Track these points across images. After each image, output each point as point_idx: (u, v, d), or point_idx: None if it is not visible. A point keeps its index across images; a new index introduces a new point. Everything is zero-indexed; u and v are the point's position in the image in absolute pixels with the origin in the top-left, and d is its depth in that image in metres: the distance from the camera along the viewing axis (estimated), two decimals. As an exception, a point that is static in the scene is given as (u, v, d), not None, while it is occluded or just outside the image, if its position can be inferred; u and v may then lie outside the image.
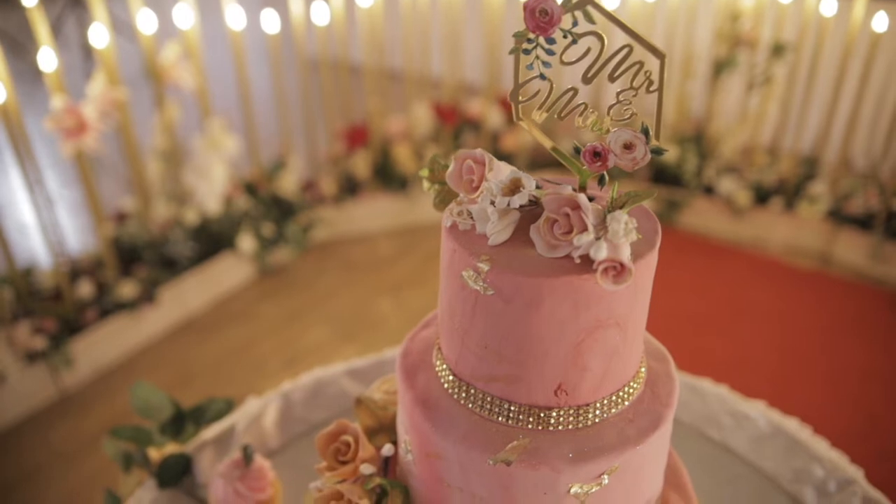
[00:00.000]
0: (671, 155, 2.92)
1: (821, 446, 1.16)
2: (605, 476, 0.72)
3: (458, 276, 0.71)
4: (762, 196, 2.86)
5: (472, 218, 0.72)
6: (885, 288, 2.61)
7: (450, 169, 0.74)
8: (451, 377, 0.77)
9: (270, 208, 2.80)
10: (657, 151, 0.68)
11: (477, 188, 0.73)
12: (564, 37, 0.68)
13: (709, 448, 1.19)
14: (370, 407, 0.92)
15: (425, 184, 0.81)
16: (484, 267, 0.68)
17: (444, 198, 0.80)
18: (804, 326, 2.42)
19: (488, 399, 0.74)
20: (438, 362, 0.80)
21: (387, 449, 0.84)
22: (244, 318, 2.56)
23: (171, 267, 2.52)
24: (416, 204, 3.07)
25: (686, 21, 2.93)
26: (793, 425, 1.20)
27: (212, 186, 2.60)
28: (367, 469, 0.82)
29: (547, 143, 0.75)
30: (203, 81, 2.61)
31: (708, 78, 2.92)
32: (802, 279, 2.68)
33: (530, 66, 0.71)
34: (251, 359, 2.36)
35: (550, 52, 0.69)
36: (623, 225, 0.64)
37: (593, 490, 0.72)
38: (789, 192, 2.84)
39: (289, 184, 2.89)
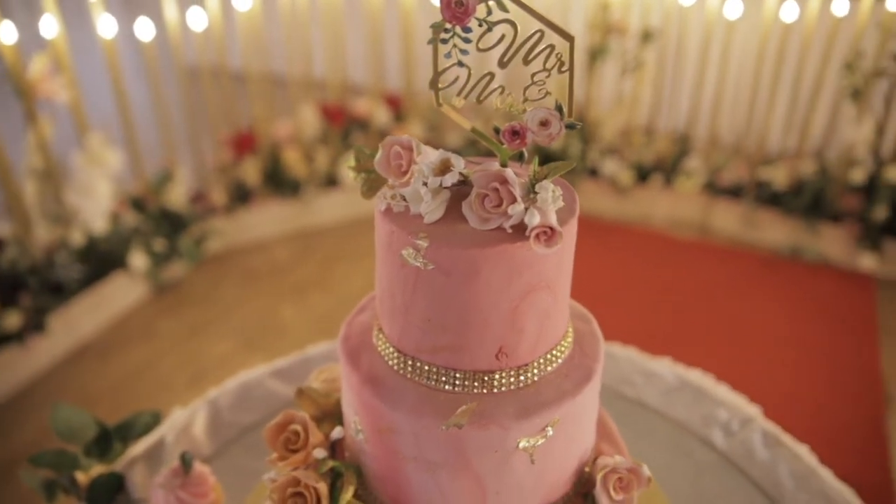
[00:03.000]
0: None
1: (723, 391, 1.27)
2: (549, 428, 0.78)
3: (397, 256, 0.75)
4: (643, 174, 3.05)
5: (404, 200, 0.76)
6: (757, 251, 2.85)
7: (378, 156, 0.78)
8: (395, 354, 0.81)
9: (160, 223, 2.71)
10: (571, 126, 0.74)
11: (406, 172, 0.76)
12: (480, 25, 0.72)
13: (625, 405, 1.28)
14: (312, 396, 0.94)
15: (351, 173, 0.84)
16: (423, 244, 0.72)
17: (372, 185, 0.83)
18: (690, 291, 2.61)
19: (434, 370, 0.78)
20: (380, 342, 0.83)
21: (337, 431, 0.87)
22: (142, 337, 2.47)
23: (58, 292, 2.39)
24: (309, 207, 3.06)
25: (560, 12, 3.07)
26: (696, 376, 1.31)
27: (96, 204, 2.49)
28: (319, 453, 0.84)
29: (467, 125, 0.80)
30: (77, 94, 2.49)
31: (584, 66, 3.07)
32: (685, 249, 2.88)
33: (448, 55, 0.75)
34: (155, 379, 2.28)
35: (467, 41, 0.74)
36: (550, 193, 0.69)
37: (539, 443, 0.78)
38: (667, 169, 3.04)
39: (177, 196, 2.80)
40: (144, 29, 2.62)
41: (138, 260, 2.56)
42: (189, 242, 2.73)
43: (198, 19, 2.74)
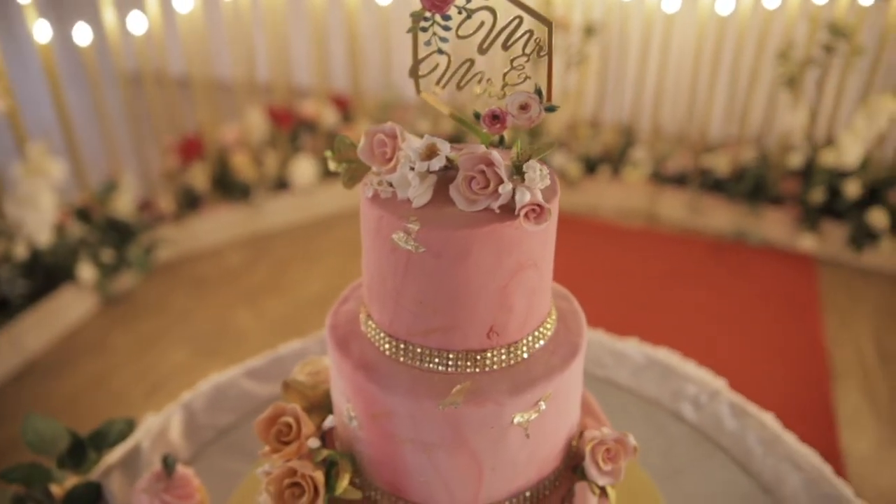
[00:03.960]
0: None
1: (689, 368, 1.32)
2: (542, 402, 0.80)
3: (387, 241, 0.76)
4: (591, 166, 3.12)
5: (391, 186, 0.77)
6: (704, 237, 2.94)
7: (361, 144, 0.78)
8: (386, 339, 0.82)
9: (107, 233, 2.64)
10: (550, 109, 0.77)
11: (390, 159, 0.77)
12: (459, 13, 0.74)
13: (597, 385, 1.31)
14: (299, 388, 0.93)
15: (331, 164, 0.84)
16: (413, 227, 0.73)
17: (353, 175, 0.84)
18: (641, 278, 2.68)
19: (427, 352, 0.80)
20: (370, 329, 0.84)
21: (329, 420, 0.87)
22: (94, 351, 2.40)
23: (3, 308, 2.30)
24: (260, 211, 3.02)
25: (503, 10, 3.11)
26: (663, 354, 1.35)
27: (40, 216, 2.41)
28: (313, 443, 0.84)
29: (446, 112, 0.81)
30: (13, 103, 2.40)
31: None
32: (634, 237, 2.95)
33: (428, 43, 0.76)
34: (110, 393, 2.22)
35: (447, 28, 0.75)
36: (538, 172, 0.71)
37: (533, 417, 0.80)
38: (614, 160, 3.11)
39: (124, 205, 2.73)
40: (82, 34, 2.54)
41: (86, 272, 2.49)
42: (138, 252, 2.67)
43: (138, 23, 2.67)
